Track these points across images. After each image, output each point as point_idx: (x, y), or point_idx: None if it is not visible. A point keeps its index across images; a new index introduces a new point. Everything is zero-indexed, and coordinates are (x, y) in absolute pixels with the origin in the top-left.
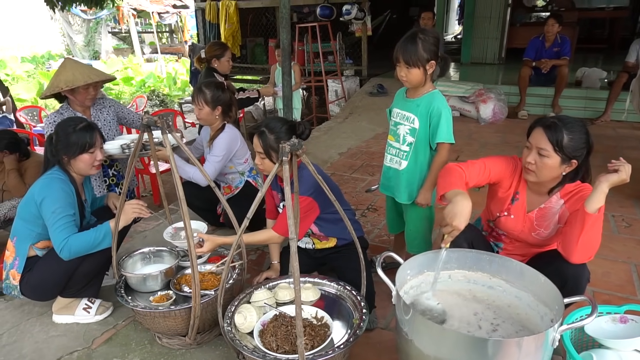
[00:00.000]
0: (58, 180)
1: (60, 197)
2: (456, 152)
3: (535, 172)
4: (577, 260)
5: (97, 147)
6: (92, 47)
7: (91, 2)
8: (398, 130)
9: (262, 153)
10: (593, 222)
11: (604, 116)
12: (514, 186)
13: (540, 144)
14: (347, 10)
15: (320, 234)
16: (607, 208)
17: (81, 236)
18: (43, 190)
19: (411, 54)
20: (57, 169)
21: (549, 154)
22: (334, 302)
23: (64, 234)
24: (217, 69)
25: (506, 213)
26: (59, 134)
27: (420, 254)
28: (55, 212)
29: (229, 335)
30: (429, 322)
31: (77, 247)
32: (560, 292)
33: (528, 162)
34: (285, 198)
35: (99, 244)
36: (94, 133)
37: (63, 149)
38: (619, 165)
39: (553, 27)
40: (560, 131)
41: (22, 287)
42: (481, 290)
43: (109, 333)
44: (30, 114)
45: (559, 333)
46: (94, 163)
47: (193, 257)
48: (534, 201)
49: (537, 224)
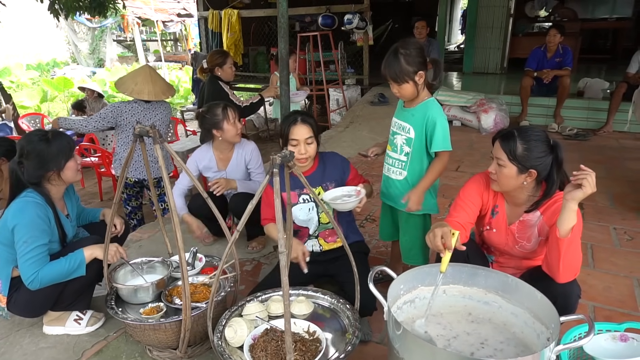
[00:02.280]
0: (32, 204)
1: (34, 224)
2: (457, 163)
3: (497, 181)
4: (564, 280)
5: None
6: (97, 55)
7: (94, 10)
8: (395, 140)
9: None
10: (568, 244)
11: (605, 127)
12: (492, 200)
13: (497, 154)
14: (348, 20)
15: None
16: (608, 221)
17: (53, 266)
18: (16, 216)
19: (397, 71)
20: (30, 191)
21: (504, 163)
22: (327, 316)
23: (33, 268)
24: (221, 77)
25: (488, 227)
26: (31, 153)
27: (414, 268)
28: (27, 242)
29: (219, 350)
30: (421, 341)
31: (49, 278)
32: (556, 310)
33: (490, 171)
34: (276, 211)
35: (72, 273)
36: (65, 137)
37: (43, 166)
38: (582, 179)
39: (555, 38)
40: (514, 141)
41: (10, 306)
42: (476, 306)
43: (100, 345)
44: (32, 121)
45: (554, 353)
46: (77, 167)
47: (184, 269)
48: (514, 214)
49: (518, 236)
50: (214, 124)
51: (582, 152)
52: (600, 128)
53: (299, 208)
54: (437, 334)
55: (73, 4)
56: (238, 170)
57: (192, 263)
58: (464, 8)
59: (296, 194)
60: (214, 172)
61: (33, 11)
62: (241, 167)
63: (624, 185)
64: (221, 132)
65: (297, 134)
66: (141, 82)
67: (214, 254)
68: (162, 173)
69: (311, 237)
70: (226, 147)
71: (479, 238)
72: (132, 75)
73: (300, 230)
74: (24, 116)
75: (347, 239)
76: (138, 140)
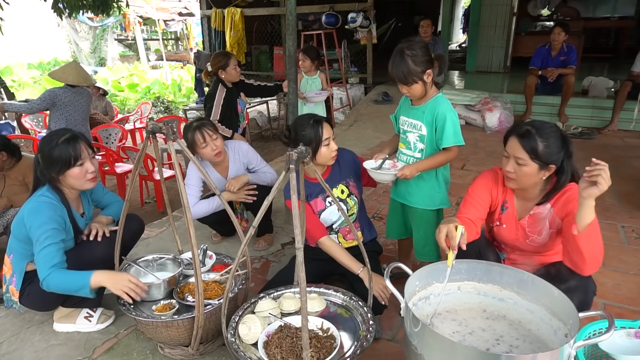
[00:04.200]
0: (47, 205)
1: (47, 224)
2: (462, 161)
3: (515, 180)
4: (590, 272)
5: (86, 158)
6: (98, 54)
7: (97, 9)
8: (407, 138)
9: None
10: (587, 237)
11: (610, 125)
12: (501, 196)
13: (516, 154)
14: (352, 18)
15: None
16: (616, 219)
17: (62, 277)
18: (31, 216)
19: (405, 73)
20: (47, 189)
21: (525, 162)
22: (340, 313)
23: (46, 267)
24: (225, 80)
25: (498, 223)
26: (43, 151)
27: (429, 265)
28: (41, 242)
29: (232, 347)
30: (440, 336)
31: (55, 287)
32: (574, 307)
33: (507, 171)
34: (293, 207)
35: (76, 292)
36: (77, 144)
37: (48, 167)
38: (596, 176)
39: (559, 36)
40: (535, 139)
41: (23, 300)
42: (491, 303)
43: (110, 342)
44: (35, 120)
45: (574, 349)
46: (86, 176)
47: (197, 266)
48: (524, 208)
49: (529, 230)
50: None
51: (587, 150)
52: (605, 127)
53: (329, 212)
54: (452, 330)
55: (77, 3)
56: (240, 172)
57: (202, 260)
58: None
59: (322, 199)
60: (218, 181)
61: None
62: (241, 169)
63: (630, 184)
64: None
65: (327, 132)
66: (68, 72)
67: (222, 252)
68: (175, 170)
69: (331, 231)
70: (216, 159)
71: (489, 235)
72: (62, 68)
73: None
74: (26, 115)
75: (363, 236)
76: (150, 137)
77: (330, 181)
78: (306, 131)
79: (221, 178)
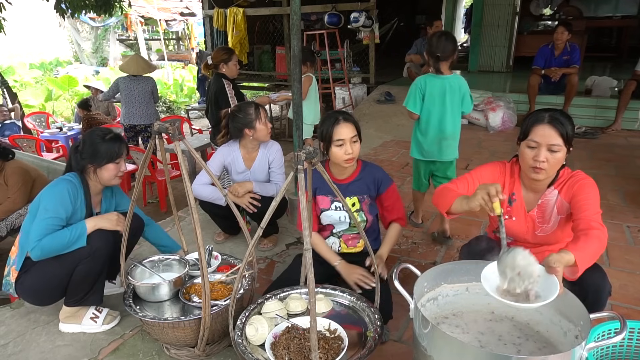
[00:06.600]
0: (66, 181)
1: (58, 196)
2: (465, 161)
3: (546, 170)
4: None
5: (123, 158)
6: (100, 54)
7: (100, 9)
8: None
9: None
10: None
11: (614, 125)
12: (508, 188)
13: (551, 141)
14: (355, 18)
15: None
16: (621, 219)
17: (54, 235)
18: (48, 188)
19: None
20: (74, 174)
21: (560, 148)
22: (346, 314)
23: (39, 234)
24: (226, 74)
25: (507, 216)
26: (86, 143)
27: (438, 265)
28: (46, 209)
29: (240, 348)
30: (450, 337)
31: (49, 247)
32: (586, 308)
33: (541, 161)
34: (300, 207)
35: (73, 243)
36: (122, 144)
37: (89, 158)
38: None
39: (563, 35)
40: (565, 123)
41: (17, 287)
42: (500, 304)
43: (116, 343)
44: (37, 120)
45: (586, 351)
46: (117, 173)
47: (204, 267)
48: (532, 200)
49: (539, 221)
50: (247, 123)
51: (591, 150)
52: (608, 126)
53: (330, 214)
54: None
55: (79, 3)
56: (261, 170)
57: (208, 261)
58: (467, 6)
59: (329, 199)
60: (238, 172)
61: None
62: (264, 167)
63: (634, 184)
64: (253, 131)
65: (342, 133)
66: (130, 64)
67: (227, 252)
68: (181, 170)
69: (334, 235)
70: (253, 147)
71: (494, 237)
72: (126, 61)
73: (324, 226)
74: (29, 115)
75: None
76: (157, 137)
77: (347, 188)
78: (323, 127)
79: (244, 168)
